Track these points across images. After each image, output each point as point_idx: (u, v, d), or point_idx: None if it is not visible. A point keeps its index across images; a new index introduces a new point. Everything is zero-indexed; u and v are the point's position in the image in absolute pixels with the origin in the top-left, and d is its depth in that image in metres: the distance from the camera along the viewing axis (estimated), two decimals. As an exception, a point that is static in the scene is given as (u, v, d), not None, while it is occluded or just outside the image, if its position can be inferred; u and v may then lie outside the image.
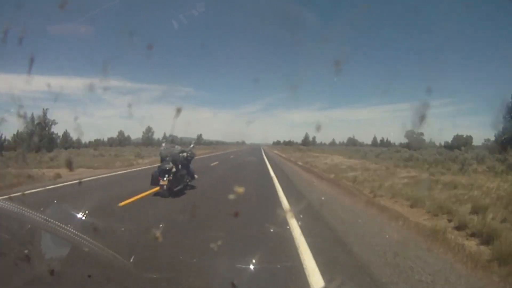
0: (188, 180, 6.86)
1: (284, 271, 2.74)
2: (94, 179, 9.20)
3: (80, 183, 7.92)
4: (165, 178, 6.06)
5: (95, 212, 3.94)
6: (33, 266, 1.71)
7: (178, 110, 3.98)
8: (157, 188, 6.13)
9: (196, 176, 7.21)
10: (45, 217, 1.46)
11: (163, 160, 6.42)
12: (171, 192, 6.10)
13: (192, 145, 7.13)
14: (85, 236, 1.59)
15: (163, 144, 6.67)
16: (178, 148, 6.60)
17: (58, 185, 7.68)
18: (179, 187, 6.40)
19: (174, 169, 6.23)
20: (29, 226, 1.61)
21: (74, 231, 1.56)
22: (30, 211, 1.45)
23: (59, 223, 1.49)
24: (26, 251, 1.66)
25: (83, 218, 1.94)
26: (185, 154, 6.65)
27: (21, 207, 1.51)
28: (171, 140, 6.66)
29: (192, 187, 7.06)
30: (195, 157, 7.40)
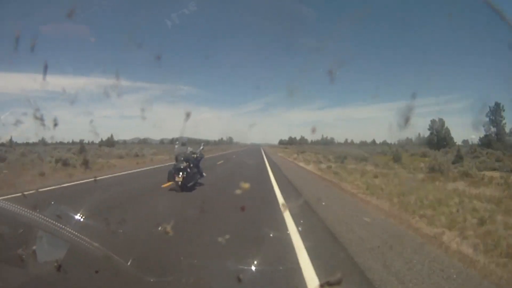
0: (198, 178, 7.67)
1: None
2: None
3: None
4: (179, 175, 6.87)
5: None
6: (27, 270, 1.79)
7: (188, 115, 4.10)
8: None
9: (204, 174, 8.05)
10: (43, 217, 1.59)
11: (177, 159, 7.28)
12: (185, 187, 6.91)
13: (201, 147, 7.98)
14: (84, 237, 1.69)
15: (176, 146, 7.58)
16: (189, 149, 7.46)
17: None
18: (191, 183, 7.20)
19: (187, 168, 7.09)
20: (25, 226, 1.72)
21: (73, 232, 1.69)
22: (29, 211, 1.57)
23: (56, 223, 1.63)
24: (22, 254, 1.74)
25: (81, 219, 1.99)
26: (195, 155, 7.51)
27: (19, 207, 1.60)
28: (184, 142, 7.56)
29: (201, 184, 7.88)
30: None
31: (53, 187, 7.43)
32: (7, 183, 7.66)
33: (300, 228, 4.14)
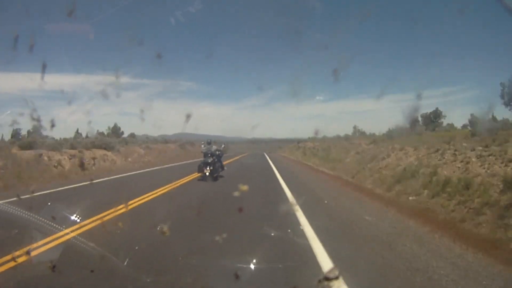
0: (220, 170, 8.70)
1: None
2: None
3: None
4: (207, 168, 8.07)
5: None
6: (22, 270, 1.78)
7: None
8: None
9: (225, 168, 9.08)
10: (38, 218, 1.61)
11: (205, 155, 8.33)
12: (211, 177, 8.03)
13: (223, 146, 9.33)
14: (79, 237, 1.77)
15: (202, 145, 8.75)
16: (214, 147, 8.56)
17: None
18: (216, 175, 8.26)
19: (214, 162, 8.19)
20: (20, 227, 1.77)
21: (68, 232, 1.81)
22: (28, 213, 1.59)
23: (54, 224, 1.68)
24: (17, 254, 1.75)
25: (77, 220, 1.97)
26: (218, 152, 8.57)
27: (19, 209, 1.60)
28: (209, 141, 8.66)
29: (222, 176, 8.78)
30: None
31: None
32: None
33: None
